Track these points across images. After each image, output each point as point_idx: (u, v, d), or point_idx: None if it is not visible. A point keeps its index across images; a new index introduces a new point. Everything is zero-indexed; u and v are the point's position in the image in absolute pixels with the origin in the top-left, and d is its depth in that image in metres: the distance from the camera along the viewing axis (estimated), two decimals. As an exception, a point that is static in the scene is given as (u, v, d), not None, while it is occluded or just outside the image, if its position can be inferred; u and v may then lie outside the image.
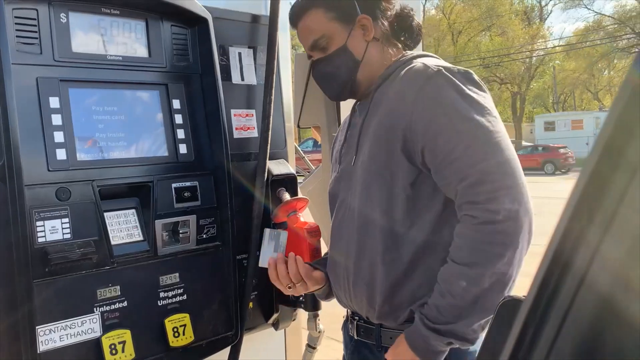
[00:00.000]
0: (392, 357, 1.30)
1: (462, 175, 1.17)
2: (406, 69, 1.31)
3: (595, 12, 40.47)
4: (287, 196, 1.90)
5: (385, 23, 1.43)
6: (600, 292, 0.44)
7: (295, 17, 1.49)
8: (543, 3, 42.88)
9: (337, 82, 1.45)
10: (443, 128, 1.21)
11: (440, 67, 1.25)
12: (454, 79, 1.23)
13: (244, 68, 1.88)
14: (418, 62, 1.32)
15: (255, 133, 1.88)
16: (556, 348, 0.47)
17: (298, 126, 2.18)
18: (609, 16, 36.75)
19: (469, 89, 1.22)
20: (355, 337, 1.45)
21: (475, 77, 1.27)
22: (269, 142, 1.82)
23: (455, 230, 1.21)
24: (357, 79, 1.42)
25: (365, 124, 1.38)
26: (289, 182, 1.94)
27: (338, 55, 1.42)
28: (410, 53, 1.44)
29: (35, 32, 1.44)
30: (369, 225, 1.32)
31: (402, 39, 1.47)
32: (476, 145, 1.18)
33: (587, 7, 39.07)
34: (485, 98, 1.24)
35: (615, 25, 34.79)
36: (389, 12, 1.44)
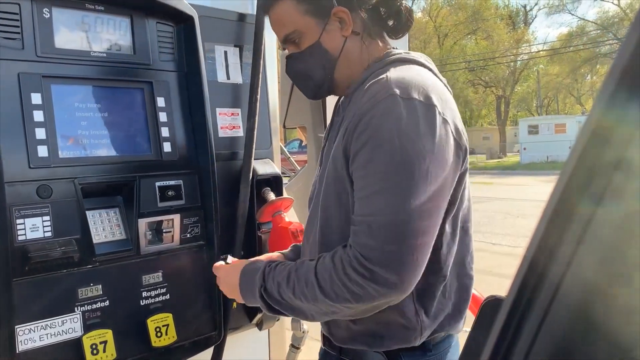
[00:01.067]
0: (224, 270, 1.37)
1: (357, 216, 1.10)
2: (372, 81, 1.16)
3: (579, 17, 41.04)
4: (272, 196, 1.89)
5: (365, 14, 1.26)
6: (575, 301, 0.45)
7: (265, 6, 1.34)
8: (528, 8, 43.36)
9: (312, 82, 1.32)
10: (367, 162, 1.09)
11: (396, 92, 1.08)
12: (402, 111, 1.06)
13: (230, 67, 1.87)
14: (387, 75, 1.15)
15: (240, 132, 1.87)
16: (532, 355, 0.47)
17: (284, 126, 2.18)
18: (592, 22, 37.27)
19: (415, 128, 1.06)
20: (322, 347, 1.40)
21: (436, 112, 1.09)
22: (255, 141, 1.81)
23: (335, 252, 1.12)
24: (335, 78, 1.29)
25: (339, 132, 1.25)
26: (274, 182, 1.93)
27: (311, 52, 1.28)
28: (395, 53, 1.26)
29: (18, 27, 1.42)
30: (329, 247, 1.20)
31: (391, 24, 1.30)
32: (384, 194, 1.06)
33: (570, 13, 39.61)
34: (431, 140, 1.07)
35: (598, 31, 35.27)
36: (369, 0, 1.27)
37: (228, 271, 1.35)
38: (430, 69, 1.24)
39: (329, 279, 1.09)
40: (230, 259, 1.42)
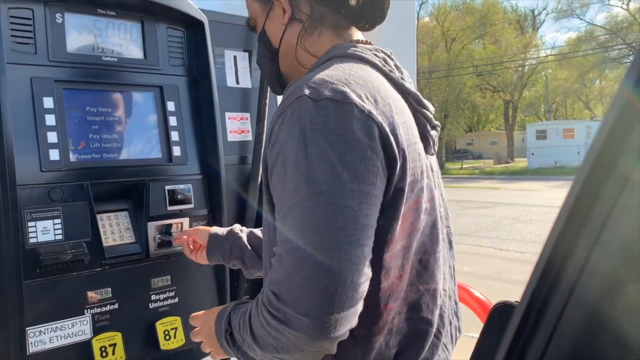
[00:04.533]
0: (200, 320, 1.20)
1: (274, 246, 0.93)
2: (292, 84, 0.98)
3: (587, 22, 40.86)
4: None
5: (313, 1, 1.08)
6: (590, 303, 0.45)
7: None
8: (536, 12, 43.28)
9: (266, 74, 1.22)
10: (277, 179, 0.92)
11: (305, 93, 0.90)
12: (311, 114, 0.89)
13: (239, 71, 1.89)
14: (306, 75, 0.98)
15: (249, 136, 1.88)
16: (547, 357, 0.47)
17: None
18: (600, 27, 37.13)
19: (324, 133, 0.87)
20: None
21: (354, 110, 0.89)
22: (263, 145, 1.82)
23: (260, 292, 0.94)
24: (282, 72, 1.16)
25: None
26: (282, 186, 1.94)
27: (259, 41, 1.17)
28: (342, 47, 1.06)
29: (31, 32, 1.44)
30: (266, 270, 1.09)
31: (352, 14, 1.10)
32: (291, 216, 0.88)
33: (579, 17, 39.38)
34: (344, 145, 0.87)
35: (607, 36, 35.13)
36: None
37: (204, 320, 1.18)
38: (376, 66, 1.03)
39: (255, 323, 0.92)
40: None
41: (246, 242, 1.46)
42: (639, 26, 33.09)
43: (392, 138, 0.92)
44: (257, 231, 1.49)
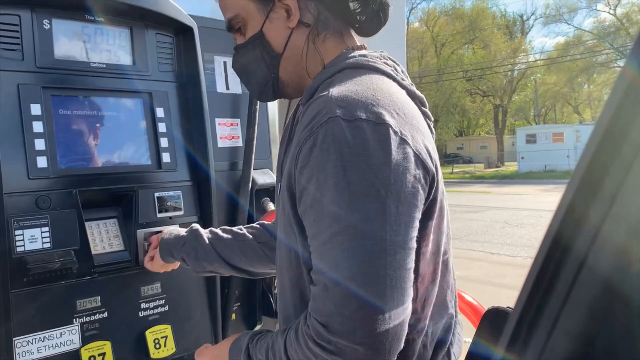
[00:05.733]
0: (210, 355, 1.17)
1: (313, 273, 0.91)
2: (315, 97, 0.95)
3: (575, 27, 41.33)
4: (271, 206, 1.89)
5: (321, 3, 1.04)
6: (601, 276, 0.43)
7: None
8: (524, 17, 43.65)
9: (255, 80, 1.13)
10: (313, 203, 0.89)
11: (337, 114, 0.87)
12: (347, 136, 0.85)
13: (229, 77, 1.88)
14: (330, 90, 0.93)
15: (240, 142, 1.88)
16: (557, 330, 0.46)
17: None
18: (588, 31, 37.52)
19: (364, 156, 0.85)
20: None
21: (390, 131, 0.86)
22: (254, 151, 1.82)
23: (299, 323, 0.92)
24: (281, 78, 1.09)
25: (287, 148, 1.06)
26: (273, 192, 1.93)
27: (253, 44, 1.08)
28: (351, 55, 1.02)
29: (18, 38, 1.42)
30: (283, 295, 1.06)
31: (357, 18, 1.07)
32: (335, 243, 0.85)
33: (567, 23, 39.84)
34: (386, 168, 0.85)
35: (595, 41, 35.49)
36: None
37: (215, 354, 1.15)
38: (391, 76, 1.01)
39: (296, 356, 0.90)
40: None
41: (205, 239, 1.42)
42: (626, 31, 33.44)
43: (425, 153, 0.91)
44: (218, 230, 1.45)
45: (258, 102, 1.83)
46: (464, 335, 1.23)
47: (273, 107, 2.07)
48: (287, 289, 1.02)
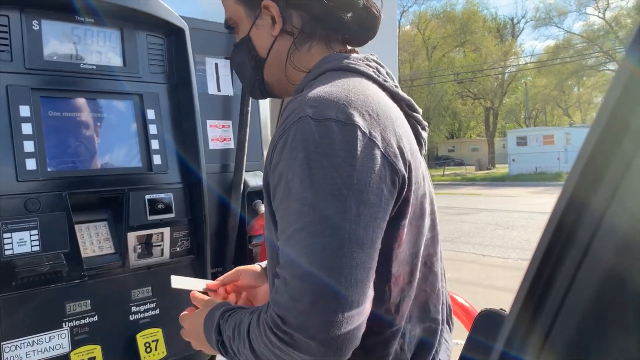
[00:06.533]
0: (189, 322, 1.19)
1: (278, 267, 0.92)
2: (292, 99, 0.98)
3: (565, 30, 41.54)
4: (263, 208, 1.88)
5: (305, 13, 1.06)
6: (606, 262, 0.43)
7: None
8: (515, 21, 43.93)
9: (244, 79, 1.19)
10: (281, 200, 0.91)
11: (307, 113, 0.89)
12: (314, 135, 0.88)
13: (221, 79, 1.87)
14: (305, 92, 0.96)
15: (231, 144, 1.87)
16: (560, 318, 0.45)
17: (275, 138, 2.17)
18: (578, 35, 37.80)
19: (329, 156, 0.87)
20: None
21: (357, 132, 0.88)
22: (246, 153, 1.81)
23: (262, 311, 0.93)
24: (266, 80, 1.14)
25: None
26: (265, 194, 1.92)
27: (241, 47, 1.14)
28: (334, 58, 1.05)
29: (6, 39, 1.41)
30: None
31: (344, 29, 1.09)
32: (296, 239, 0.87)
33: (557, 26, 40.01)
34: (349, 168, 0.87)
35: (584, 44, 35.75)
36: None
37: (192, 325, 1.17)
38: (371, 77, 1.03)
39: (256, 340, 0.92)
40: (176, 281, 1.28)
41: None
42: (615, 34, 33.74)
43: (397, 154, 0.92)
44: None
45: (250, 104, 1.82)
46: (457, 337, 1.23)
47: (265, 108, 2.07)
48: (272, 278, 1.04)
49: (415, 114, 1.11)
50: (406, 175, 0.93)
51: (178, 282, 1.28)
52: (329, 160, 0.86)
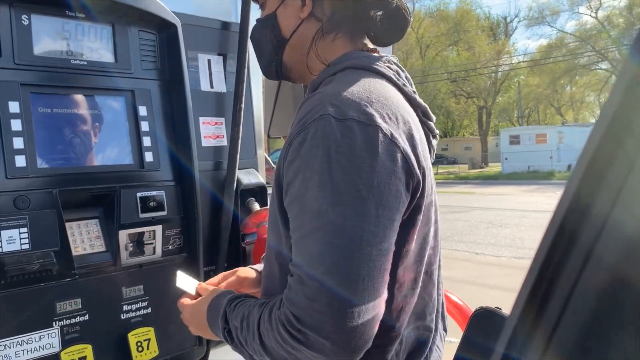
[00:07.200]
0: (189, 310, 1.18)
1: (291, 265, 0.91)
2: (312, 95, 0.97)
3: (558, 29, 41.74)
4: (256, 206, 1.87)
5: (334, 3, 1.06)
6: (610, 264, 0.42)
7: None
8: (508, 20, 44.06)
9: (262, 56, 1.17)
10: (298, 197, 0.91)
11: (329, 112, 0.88)
12: (336, 135, 0.87)
13: (214, 75, 1.85)
14: (325, 89, 0.96)
15: (224, 141, 1.85)
16: (563, 320, 0.45)
17: (268, 136, 2.15)
18: (570, 34, 37.95)
19: (350, 156, 0.86)
20: None
21: (379, 133, 0.88)
22: (239, 151, 1.79)
23: (274, 306, 0.93)
24: (284, 61, 1.13)
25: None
26: (258, 192, 1.91)
27: (265, 23, 1.13)
28: (354, 56, 1.04)
29: (-5, 33, 1.39)
30: (273, 282, 1.06)
31: (375, 26, 1.08)
32: (314, 238, 0.86)
33: (550, 25, 40.10)
34: (371, 170, 0.86)
35: (577, 43, 35.90)
36: None
37: (194, 311, 1.17)
38: (391, 79, 1.03)
39: (267, 335, 0.92)
40: (180, 279, 1.26)
41: None
42: (607, 34, 33.91)
43: (413, 159, 0.92)
44: None
45: (243, 100, 1.80)
46: (450, 335, 1.23)
47: (258, 106, 2.05)
48: (277, 278, 1.03)
49: (429, 121, 1.10)
50: (421, 181, 0.93)
51: (182, 281, 1.27)
52: (350, 161, 0.86)
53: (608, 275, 0.42)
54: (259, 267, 1.32)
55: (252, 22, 1.73)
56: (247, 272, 1.30)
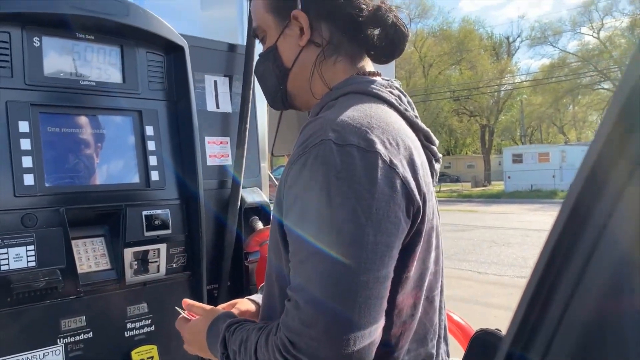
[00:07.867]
0: (188, 331, 1.18)
1: (288, 289, 0.91)
2: (313, 119, 0.97)
3: (560, 49, 41.93)
4: (260, 225, 1.89)
5: (334, 26, 1.06)
6: (611, 267, 0.43)
7: None
8: (511, 39, 44.31)
9: (267, 88, 1.18)
10: (296, 222, 0.91)
11: (330, 137, 0.88)
12: (336, 160, 0.87)
13: (220, 96, 1.88)
14: (327, 113, 0.96)
15: (229, 160, 1.87)
16: (564, 323, 0.46)
17: (272, 154, 2.18)
18: (572, 54, 38.15)
19: (350, 182, 0.86)
20: None
21: (378, 160, 0.88)
22: (243, 170, 1.81)
23: (270, 331, 0.93)
24: (289, 91, 1.13)
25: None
26: (262, 211, 1.92)
27: (267, 55, 1.13)
28: (356, 81, 1.05)
29: (7, 55, 1.42)
30: (272, 303, 1.06)
31: (373, 45, 1.08)
32: (311, 263, 0.87)
33: (552, 45, 40.41)
34: (369, 196, 0.86)
35: (579, 63, 36.07)
36: (352, 10, 1.05)
37: (194, 333, 1.17)
38: (393, 105, 1.03)
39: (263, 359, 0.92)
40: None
41: None
42: (609, 54, 34.08)
43: (413, 185, 0.91)
44: None
45: (248, 120, 1.83)
46: (452, 355, 1.23)
47: (263, 126, 2.08)
48: (277, 297, 1.02)
49: (431, 145, 1.11)
50: (421, 207, 0.93)
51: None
52: (349, 186, 0.86)
53: (606, 287, 0.43)
54: (258, 298, 1.32)
55: (257, 46, 1.77)
56: (247, 304, 1.30)
